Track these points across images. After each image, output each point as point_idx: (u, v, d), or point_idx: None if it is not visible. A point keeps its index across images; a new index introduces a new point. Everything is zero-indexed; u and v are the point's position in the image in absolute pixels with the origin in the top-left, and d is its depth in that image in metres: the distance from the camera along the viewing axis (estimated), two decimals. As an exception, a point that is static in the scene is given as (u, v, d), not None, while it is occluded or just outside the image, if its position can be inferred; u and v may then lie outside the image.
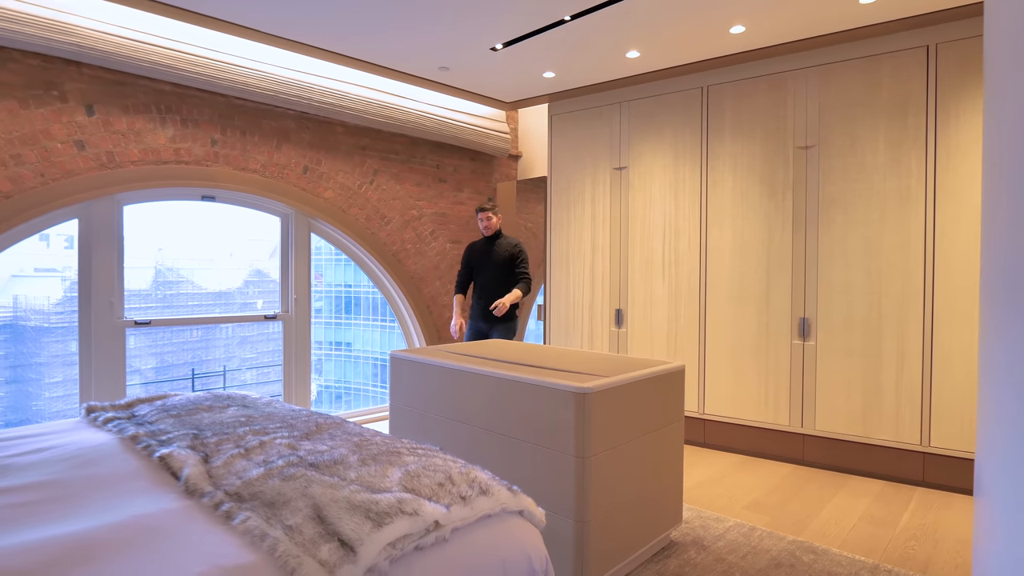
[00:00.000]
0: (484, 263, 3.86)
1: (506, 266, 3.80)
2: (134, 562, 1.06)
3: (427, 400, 2.60)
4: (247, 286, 5.43)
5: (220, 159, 3.68)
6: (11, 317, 4.99)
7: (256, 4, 2.99)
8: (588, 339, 4.40)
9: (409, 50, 3.59)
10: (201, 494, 1.32)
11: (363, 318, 11.78)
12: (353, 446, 1.60)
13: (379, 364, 11.35)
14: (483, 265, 3.86)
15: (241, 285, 5.11)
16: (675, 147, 4.01)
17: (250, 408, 1.98)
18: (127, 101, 3.33)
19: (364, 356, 12.27)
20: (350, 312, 9.28)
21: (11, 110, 2.98)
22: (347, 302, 7.21)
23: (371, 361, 10.86)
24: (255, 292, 6.21)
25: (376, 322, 11.26)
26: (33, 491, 1.32)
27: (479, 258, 3.89)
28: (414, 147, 4.66)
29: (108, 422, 1.87)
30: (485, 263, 3.86)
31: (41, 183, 3.07)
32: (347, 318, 11.38)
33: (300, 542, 1.11)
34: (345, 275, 9.45)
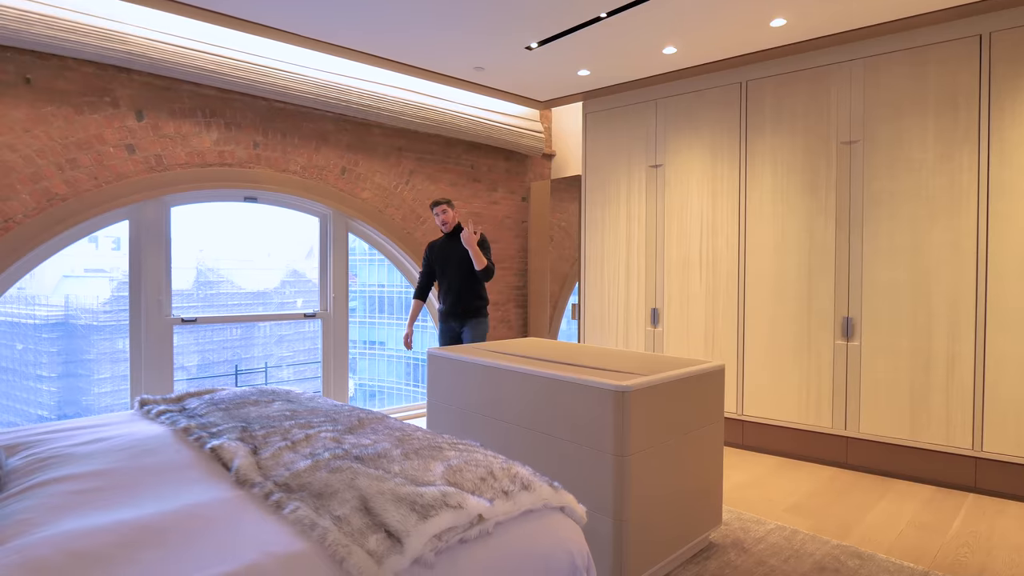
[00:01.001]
0: (447, 260, 3.64)
1: (467, 259, 3.56)
2: (192, 547, 1.10)
3: (465, 397, 2.63)
4: (284, 286, 5.55)
5: (262, 161, 3.78)
6: (63, 316, 5.22)
7: (296, 9, 3.07)
8: (623, 338, 4.36)
9: (444, 51, 3.63)
10: (251, 484, 1.36)
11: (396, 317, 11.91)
12: (396, 440, 1.62)
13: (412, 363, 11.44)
14: (446, 262, 3.65)
15: (278, 285, 5.23)
16: (712, 144, 3.94)
17: (294, 403, 2.03)
18: (174, 106, 3.45)
19: (397, 355, 12.41)
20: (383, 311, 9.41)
21: (67, 116, 3.12)
22: (380, 302, 7.29)
23: (404, 360, 10.97)
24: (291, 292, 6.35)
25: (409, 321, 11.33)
26: (94, 479, 1.38)
27: (440, 256, 3.68)
28: (449, 147, 4.70)
29: (161, 415, 1.94)
30: (448, 260, 3.64)
31: (95, 186, 3.20)
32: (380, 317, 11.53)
33: (348, 532, 1.13)
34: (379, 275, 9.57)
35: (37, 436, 1.73)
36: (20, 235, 3.00)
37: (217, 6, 3.05)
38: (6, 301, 3.53)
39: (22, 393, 4.06)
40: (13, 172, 2.98)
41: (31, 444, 1.66)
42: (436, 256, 3.70)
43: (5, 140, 2.96)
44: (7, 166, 2.97)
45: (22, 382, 4.08)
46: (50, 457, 1.52)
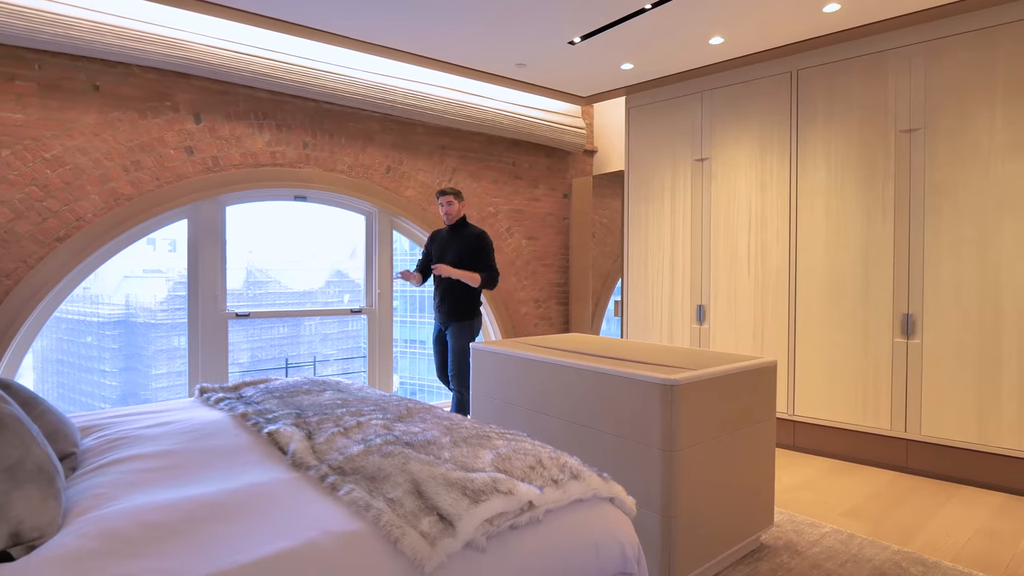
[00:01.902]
0: (443, 254, 3.44)
1: (466, 258, 3.36)
2: (254, 523, 1.14)
3: (508, 391, 2.63)
4: (328, 286, 5.69)
5: (311, 161, 3.89)
6: (124, 314, 5.49)
7: (343, 11, 3.14)
8: (668, 335, 4.29)
9: (487, 48, 3.65)
10: (307, 467, 1.40)
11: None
12: (444, 429, 1.64)
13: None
14: (442, 256, 3.44)
15: (323, 285, 5.36)
16: (761, 136, 3.83)
17: (344, 392, 2.08)
18: (229, 109, 3.58)
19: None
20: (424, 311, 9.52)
21: (132, 121, 3.29)
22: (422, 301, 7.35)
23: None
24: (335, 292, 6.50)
25: None
26: (162, 458, 1.44)
27: (439, 248, 3.49)
28: (491, 145, 4.72)
29: (219, 401, 2.02)
30: (444, 254, 3.43)
31: (157, 186, 3.36)
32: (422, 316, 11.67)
33: (402, 514, 1.15)
34: None
35: (107, 420, 1.83)
36: (90, 233, 3.17)
37: (270, 11, 3.16)
38: (73, 300, 3.74)
39: (87, 387, 4.29)
40: (84, 174, 3.16)
41: (102, 427, 1.75)
42: (435, 247, 3.52)
43: (77, 144, 3.14)
44: (79, 168, 3.14)
45: (87, 376, 4.31)
46: (120, 438, 1.60)
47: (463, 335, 3.40)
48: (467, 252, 3.38)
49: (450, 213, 3.44)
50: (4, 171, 2.97)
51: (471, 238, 3.42)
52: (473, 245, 3.40)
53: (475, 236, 3.43)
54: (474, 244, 3.40)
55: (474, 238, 3.42)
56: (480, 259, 3.40)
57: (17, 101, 2.99)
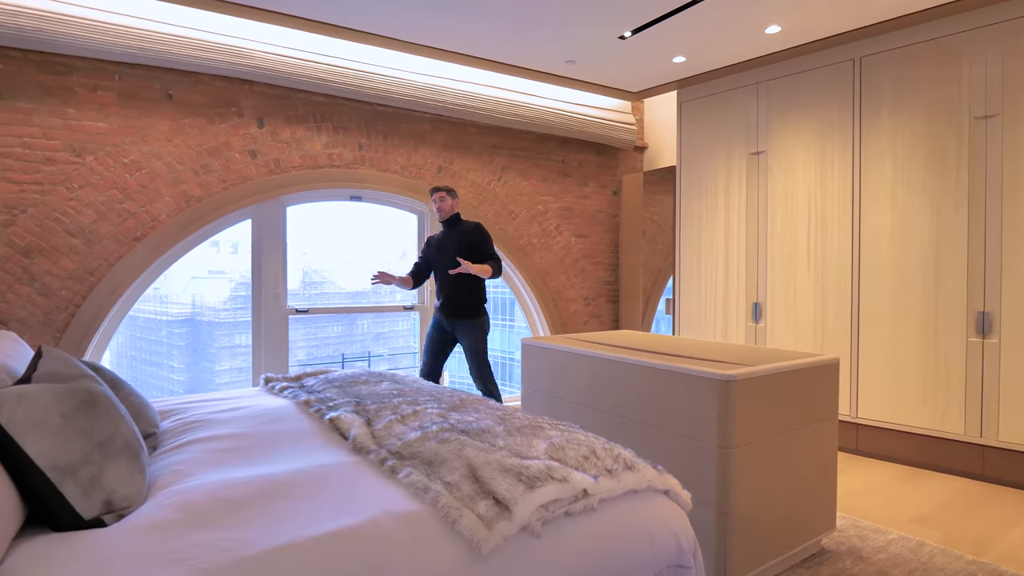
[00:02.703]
0: (441, 254, 3.36)
1: (468, 252, 3.30)
2: (319, 501, 1.20)
3: (559, 387, 2.64)
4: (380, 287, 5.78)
5: (366, 162, 4.01)
6: (190, 312, 5.80)
7: (395, 15, 3.23)
8: (721, 334, 4.19)
9: (537, 46, 3.67)
10: (367, 451, 1.45)
11: None
12: (497, 419, 1.66)
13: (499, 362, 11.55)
14: (440, 256, 3.37)
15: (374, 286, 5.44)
16: (821, 127, 3.69)
17: (400, 383, 2.14)
18: (289, 113, 3.74)
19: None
20: None
21: (201, 126, 3.48)
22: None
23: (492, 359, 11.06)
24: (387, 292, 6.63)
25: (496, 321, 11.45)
26: (236, 439, 1.53)
27: (436, 250, 3.41)
28: (540, 143, 4.74)
29: (283, 390, 2.12)
30: (442, 254, 3.36)
31: (223, 188, 3.54)
32: None
33: (459, 497, 1.18)
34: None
35: (183, 405, 1.95)
36: (164, 232, 3.37)
37: (325, 17, 3.28)
38: (145, 300, 3.97)
39: (156, 381, 4.56)
40: (159, 177, 3.36)
41: (178, 411, 1.87)
42: (431, 251, 3.45)
43: (152, 149, 3.35)
44: (154, 172, 3.35)
45: (157, 371, 4.58)
46: (195, 421, 1.70)
47: (475, 334, 3.36)
48: (468, 247, 3.34)
49: (443, 209, 3.38)
50: (88, 176, 3.20)
51: (469, 232, 3.36)
52: (473, 239, 3.34)
53: (473, 230, 3.37)
54: (474, 237, 3.34)
55: (472, 231, 3.36)
56: (480, 250, 3.34)
57: (100, 110, 3.22)
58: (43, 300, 3.11)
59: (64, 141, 3.14)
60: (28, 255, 3.07)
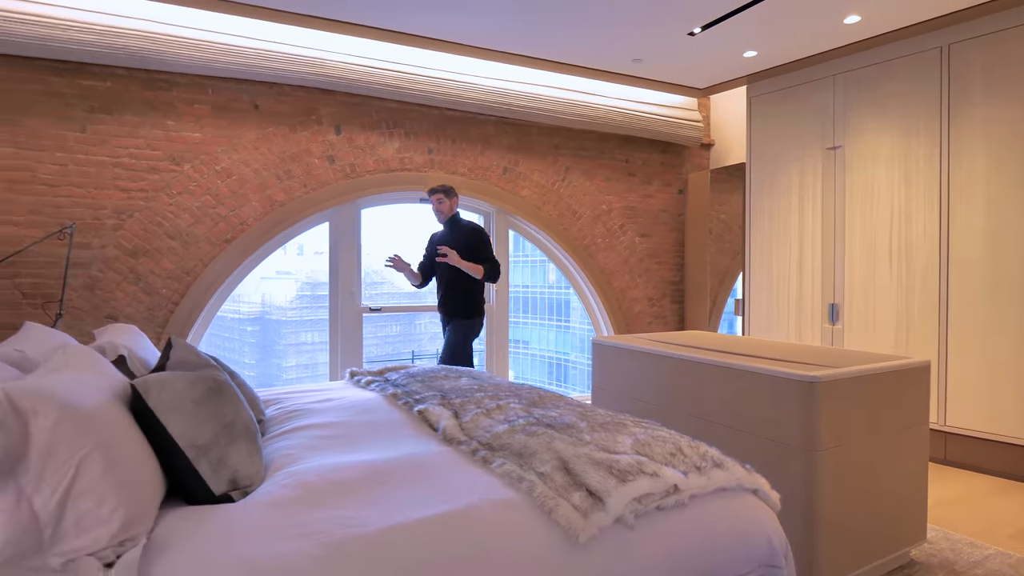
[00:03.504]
0: (439, 256, 3.38)
1: (463, 254, 3.31)
2: (420, 486, 1.27)
3: (631, 386, 2.64)
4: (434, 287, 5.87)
5: (435, 165, 4.13)
6: (260, 311, 6.10)
7: (465, 22, 3.31)
8: (795, 335, 4.05)
9: (603, 46, 3.67)
10: (458, 442, 1.52)
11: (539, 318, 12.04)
12: (579, 415, 1.70)
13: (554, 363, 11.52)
14: (439, 258, 3.38)
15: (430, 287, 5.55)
16: (904, 119, 3.52)
17: (477, 379, 2.21)
18: (364, 119, 3.90)
19: (540, 355, 12.56)
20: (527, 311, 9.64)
21: (284, 135, 3.69)
22: (524, 302, 7.42)
23: (547, 360, 11.10)
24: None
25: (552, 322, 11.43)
26: (333, 428, 1.63)
27: (436, 248, 3.45)
28: (603, 143, 4.73)
29: (369, 383, 2.23)
30: (440, 256, 3.37)
31: (304, 192, 3.74)
32: (524, 317, 11.75)
33: (553, 487, 1.22)
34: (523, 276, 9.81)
35: (282, 395, 2.09)
36: (251, 235, 3.60)
37: (399, 26, 3.41)
38: (219, 299, 4.21)
39: (232, 376, 4.83)
40: (247, 183, 3.59)
41: (278, 400, 2.00)
42: (433, 248, 3.47)
43: (241, 157, 3.58)
44: (242, 178, 3.58)
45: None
46: (295, 410, 1.82)
47: (459, 331, 3.39)
48: (463, 248, 3.35)
49: (441, 211, 3.43)
50: (186, 183, 3.45)
51: (466, 233, 3.39)
52: (471, 240, 3.37)
53: (470, 230, 3.40)
54: (470, 239, 3.37)
55: (469, 232, 3.39)
56: (477, 252, 3.34)
57: (196, 122, 3.47)
58: (147, 298, 3.39)
59: (165, 151, 3.41)
60: (134, 256, 3.35)
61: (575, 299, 8.58)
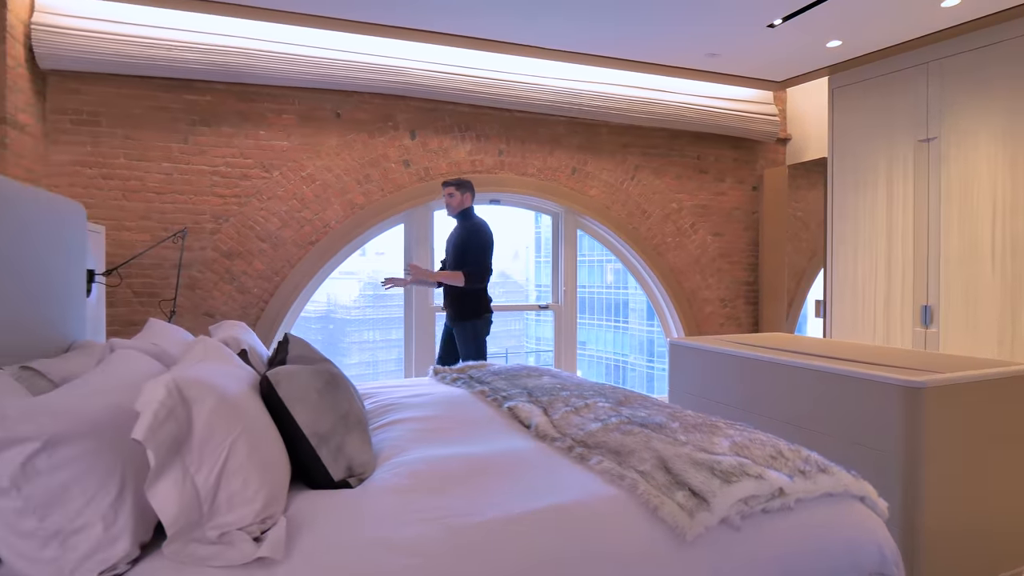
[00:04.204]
0: (447, 248, 3.34)
1: (457, 252, 3.20)
2: (523, 480, 1.31)
3: (711, 387, 2.60)
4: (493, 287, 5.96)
5: (505, 167, 4.19)
6: (325, 310, 6.35)
7: (538, 25, 3.35)
8: (883, 339, 3.85)
9: (677, 42, 3.62)
10: (552, 439, 1.55)
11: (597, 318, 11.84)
12: (668, 415, 1.70)
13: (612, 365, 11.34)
14: (446, 250, 3.35)
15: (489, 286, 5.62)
16: (1009, 108, 3.28)
17: (558, 378, 2.24)
18: (438, 124, 4.01)
19: (597, 356, 12.36)
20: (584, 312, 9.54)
21: (363, 141, 3.84)
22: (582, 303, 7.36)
23: (604, 361, 10.92)
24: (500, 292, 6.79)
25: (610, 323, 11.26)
26: (430, 422, 1.71)
27: (446, 245, 3.40)
28: (674, 140, 4.66)
29: (455, 380, 2.31)
30: (448, 248, 3.32)
31: (381, 196, 3.89)
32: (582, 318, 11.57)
33: (655, 485, 1.24)
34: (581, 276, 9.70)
35: (372, 390, 2.19)
36: (333, 237, 3.77)
37: (472, 32, 3.48)
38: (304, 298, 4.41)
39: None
40: (329, 188, 3.77)
41: (372, 395, 2.11)
42: (446, 243, 3.42)
43: (324, 163, 3.76)
44: (325, 183, 3.76)
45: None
46: (390, 404, 1.91)
47: (466, 336, 3.27)
48: (457, 246, 3.27)
49: (450, 204, 3.32)
50: (274, 188, 3.66)
51: (463, 230, 3.28)
52: (463, 238, 3.25)
53: (467, 228, 3.27)
54: (463, 237, 3.25)
55: (465, 230, 3.27)
56: (465, 254, 3.20)
57: (283, 131, 3.68)
58: (240, 296, 3.62)
59: (256, 159, 3.63)
60: (229, 258, 3.58)
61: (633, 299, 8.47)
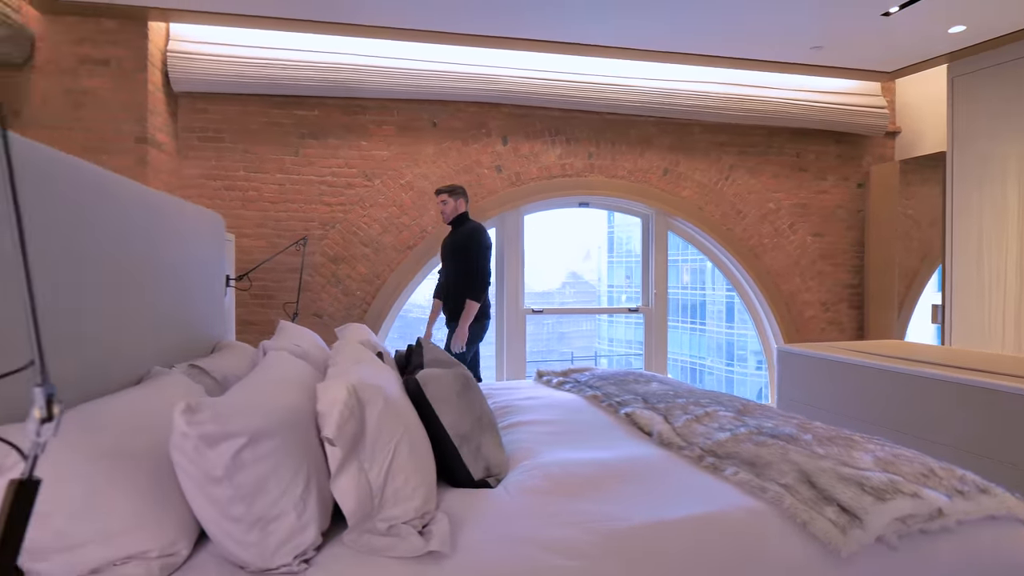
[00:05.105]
0: (444, 255, 3.29)
1: (457, 263, 3.13)
2: (656, 487, 1.31)
3: (825, 397, 2.48)
4: (564, 287, 5.95)
5: (595, 169, 4.18)
6: (402, 310, 6.45)
7: (631, 27, 3.32)
8: (1013, 348, 3.53)
9: (780, 36, 3.49)
10: (678, 447, 1.55)
11: (672, 320, 11.57)
12: (796, 426, 1.64)
13: (688, 368, 11.03)
14: (444, 257, 3.30)
15: (559, 287, 5.62)
16: None
17: (668, 384, 2.21)
18: (529, 129, 4.07)
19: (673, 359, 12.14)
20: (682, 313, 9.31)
21: (458, 148, 3.96)
22: (683, 305, 7.20)
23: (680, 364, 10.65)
24: (571, 292, 6.75)
25: (686, 325, 10.97)
26: (551, 425, 1.74)
27: (442, 256, 3.35)
28: (771, 138, 4.48)
29: (561, 384, 2.34)
30: (444, 255, 3.28)
31: (475, 201, 3.98)
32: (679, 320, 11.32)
33: (802, 500, 1.21)
34: None
35: (485, 392, 2.26)
36: (429, 241, 3.91)
37: (566, 37, 3.50)
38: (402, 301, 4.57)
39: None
40: (425, 195, 3.91)
41: (487, 397, 2.17)
42: (442, 250, 3.37)
43: (421, 171, 3.91)
44: (422, 190, 3.91)
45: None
46: (506, 406, 1.97)
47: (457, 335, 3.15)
48: (456, 253, 3.18)
49: (444, 212, 3.23)
50: (376, 196, 3.85)
51: (460, 236, 3.18)
52: (458, 245, 3.17)
53: (462, 235, 3.18)
54: (459, 244, 3.17)
55: (460, 236, 3.18)
56: (464, 259, 3.12)
57: (384, 141, 3.85)
58: (345, 298, 3.83)
59: (359, 169, 3.82)
60: (335, 262, 3.80)
61: (711, 301, 8.22)
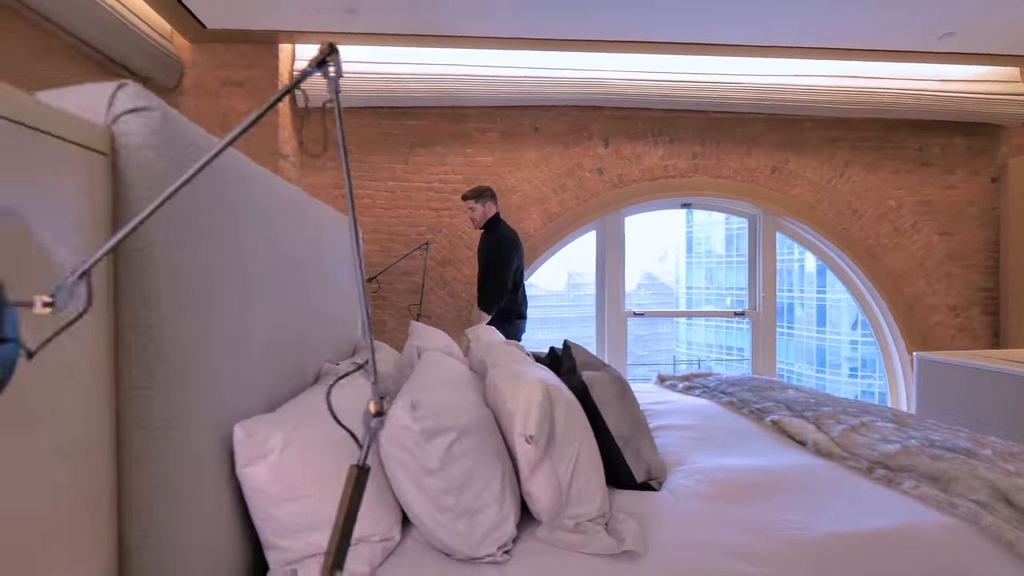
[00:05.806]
0: (477, 258, 3.26)
1: (480, 269, 3.17)
2: (827, 498, 1.27)
3: (968, 406, 2.31)
4: (640, 288, 5.80)
5: (699, 170, 4.09)
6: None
7: (737, 20, 3.22)
8: None
9: (905, 24, 3.27)
10: (840, 457, 1.49)
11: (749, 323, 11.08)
12: (968, 439, 1.54)
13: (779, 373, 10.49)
14: (478, 260, 3.26)
15: (634, 288, 5.45)
16: None
17: (804, 391, 2.13)
18: (631, 131, 4.04)
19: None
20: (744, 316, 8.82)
21: (559, 152, 3.99)
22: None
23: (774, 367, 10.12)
24: (646, 294, 6.58)
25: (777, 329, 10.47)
26: (694, 431, 1.73)
27: (478, 253, 3.31)
28: (889, 131, 4.20)
29: (688, 389, 2.31)
30: (478, 258, 3.26)
31: (576, 204, 4.01)
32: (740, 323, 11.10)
33: (1002, 518, 1.13)
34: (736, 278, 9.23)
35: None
36: (532, 244, 3.97)
37: (666, 37, 3.45)
38: None
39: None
40: (528, 198, 3.98)
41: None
42: None
43: (523, 176, 3.97)
44: (524, 194, 3.98)
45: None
46: (642, 411, 1.97)
47: None
48: (479, 259, 3.23)
49: (474, 218, 3.24)
50: (480, 201, 3.94)
51: (486, 243, 3.19)
52: (482, 252, 3.19)
53: (488, 242, 3.17)
54: (483, 251, 3.18)
55: (487, 243, 3.17)
56: (481, 266, 3.15)
57: (487, 147, 3.95)
58: (451, 300, 3.95)
59: (464, 175, 3.94)
60: (443, 265, 3.94)
61: (800, 305, 7.86)
